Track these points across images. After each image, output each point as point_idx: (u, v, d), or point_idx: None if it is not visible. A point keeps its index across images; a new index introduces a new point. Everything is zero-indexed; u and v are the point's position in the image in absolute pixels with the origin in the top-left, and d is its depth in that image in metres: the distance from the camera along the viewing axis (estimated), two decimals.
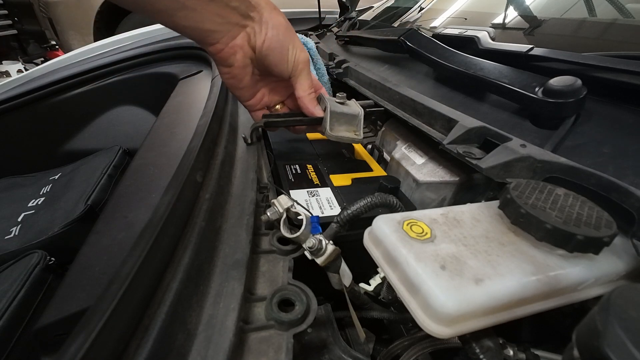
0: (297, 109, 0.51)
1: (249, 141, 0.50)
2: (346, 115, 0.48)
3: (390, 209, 0.37)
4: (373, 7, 1.12)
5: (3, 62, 2.96)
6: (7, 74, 2.85)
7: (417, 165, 0.50)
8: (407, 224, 0.27)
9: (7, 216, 0.72)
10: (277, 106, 0.53)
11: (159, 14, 0.36)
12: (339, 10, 1.25)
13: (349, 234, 0.37)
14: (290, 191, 0.44)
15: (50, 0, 2.72)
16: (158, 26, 1.13)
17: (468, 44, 0.55)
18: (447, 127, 0.43)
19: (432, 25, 0.77)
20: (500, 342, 0.26)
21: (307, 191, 0.44)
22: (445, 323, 0.22)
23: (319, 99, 0.49)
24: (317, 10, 1.19)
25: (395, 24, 0.89)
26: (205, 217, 0.32)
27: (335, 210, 0.41)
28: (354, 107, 0.50)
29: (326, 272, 0.34)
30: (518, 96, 0.40)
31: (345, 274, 0.34)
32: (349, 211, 0.35)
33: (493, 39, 0.54)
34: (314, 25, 1.28)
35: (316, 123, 0.49)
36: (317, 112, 0.48)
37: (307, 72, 0.46)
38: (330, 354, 0.30)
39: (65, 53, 1.31)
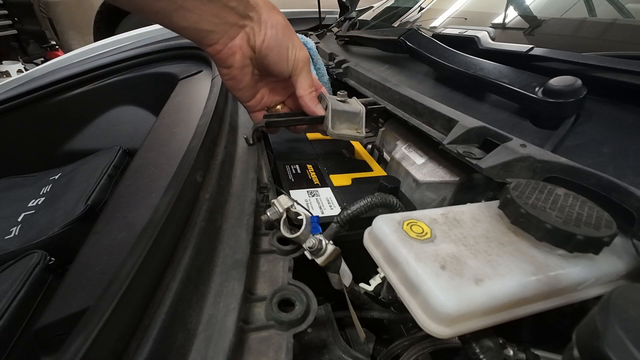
0: (297, 109, 0.51)
1: (251, 142, 0.50)
2: (348, 113, 0.48)
3: (390, 209, 0.37)
4: (373, 7, 1.12)
5: (3, 62, 2.96)
6: (7, 74, 2.85)
7: (417, 165, 0.50)
8: (407, 224, 0.27)
9: (7, 216, 0.71)
10: (278, 107, 0.52)
11: (157, 15, 0.36)
12: (339, 10, 1.25)
13: (349, 234, 0.37)
14: (290, 191, 0.44)
15: (50, 0, 2.72)
16: (158, 26, 1.13)
17: (468, 44, 0.55)
18: (447, 127, 0.43)
19: (432, 25, 0.77)
20: (500, 342, 0.26)
21: (307, 191, 0.44)
22: (445, 323, 0.22)
23: (320, 98, 0.49)
24: (317, 10, 1.19)
25: (395, 24, 0.89)
26: (205, 217, 0.32)
27: (335, 210, 0.41)
28: (355, 104, 0.50)
29: (326, 272, 0.34)
30: (518, 96, 0.40)
31: (345, 274, 0.34)
32: (349, 211, 0.35)
33: (493, 39, 0.54)
34: (314, 25, 1.28)
35: (318, 122, 0.49)
36: (319, 110, 0.47)
37: (308, 70, 0.46)
38: (330, 354, 0.30)
39: (65, 53, 1.31)
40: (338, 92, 0.50)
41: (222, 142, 0.47)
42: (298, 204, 0.36)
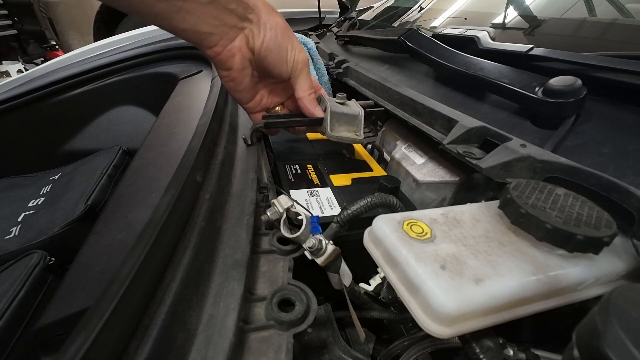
0: (296, 111, 0.51)
1: (249, 142, 0.50)
2: (346, 116, 0.48)
3: (390, 209, 0.37)
4: (373, 7, 1.12)
5: (3, 62, 2.96)
6: (7, 74, 2.85)
7: (417, 165, 0.50)
8: (407, 224, 0.27)
9: (7, 216, 0.71)
10: (277, 108, 0.53)
11: (156, 17, 0.36)
12: (339, 10, 1.25)
13: (349, 234, 0.37)
14: (290, 191, 0.44)
15: (50, 0, 2.72)
16: None
17: (468, 44, 0.55)
18: (447, 127, 0.43)
19: (432, 25, 0.77)
20: (500, 342, 0.26)
21: (307, 191, 0.44)
22: (446, 323, 0.22)
23: (319, 100, 0.49)
24: (317, 10, 1.19)
25: (395, 24, 0.89)
26: (205, 217, 0.32)
27: (335, 210, 0.41)
28: (354, 107, 0.50)
29: (326, 272, 0.34)
30: (518, 96, 0.40)
31: (345, 274, 0.34)
32: (349, 211, 0.35)
33: (493, 39, 0.54)
34: (314, 25, 1.28)
35: (316, 124, 0.49)
36: (318, 112, 0.47)
37: (307, 72, 0.46)
38: (330, 354, 0.30)
39: (65, 53, 1.31)
40: (337, 95, 0.50)
41: (222, 142, 0.47)
42: (298, 204, 0.36)
